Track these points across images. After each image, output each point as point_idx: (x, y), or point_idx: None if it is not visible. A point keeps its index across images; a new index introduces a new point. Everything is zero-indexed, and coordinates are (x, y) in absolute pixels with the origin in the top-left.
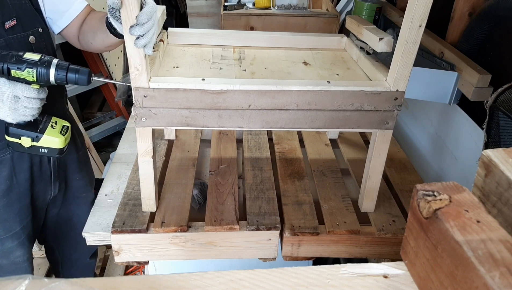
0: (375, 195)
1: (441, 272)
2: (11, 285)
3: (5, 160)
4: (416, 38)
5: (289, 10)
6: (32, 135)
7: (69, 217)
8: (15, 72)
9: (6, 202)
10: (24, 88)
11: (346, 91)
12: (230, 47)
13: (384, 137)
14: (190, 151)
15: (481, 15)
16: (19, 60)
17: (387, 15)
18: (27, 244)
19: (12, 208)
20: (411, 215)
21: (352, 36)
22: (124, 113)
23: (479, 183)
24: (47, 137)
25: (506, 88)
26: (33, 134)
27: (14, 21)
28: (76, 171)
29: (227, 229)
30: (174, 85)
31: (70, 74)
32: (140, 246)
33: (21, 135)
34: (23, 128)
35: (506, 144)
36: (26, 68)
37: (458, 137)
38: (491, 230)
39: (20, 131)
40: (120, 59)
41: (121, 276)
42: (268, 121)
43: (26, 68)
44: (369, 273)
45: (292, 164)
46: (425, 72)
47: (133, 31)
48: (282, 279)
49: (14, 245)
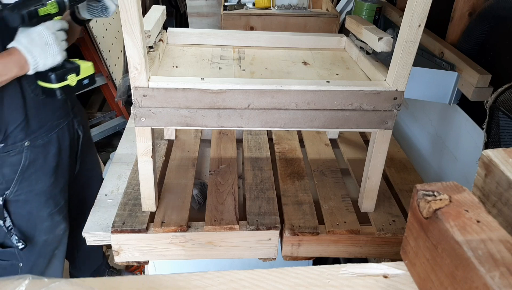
0: (375, 195)
1: (441, 272)
2: (11, 285)
3: (52, 139)
4: (416, 38)
5: (289, 10)
6: (74, 69)
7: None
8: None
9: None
10: (52, 23)
11: (345, 91)
12: (230, 47)
13: (383, 137)
14: (190, 151)
15: (481, 15)
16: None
17: (387, 15)
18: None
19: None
20: (411, 215)
21: (352, 36)
22: (124, 113)
23: (479, 183)
24: (84, 65)
25: (506, 88)
26: (74, 67)
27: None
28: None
29: (227, 229)
30: (174, 85)
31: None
32: (140, 246)
33: (66, 74)
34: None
35: (506, 144)
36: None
37: (458, 137)
38: (491, 230)
39: (63, 71)
40: (120, 59)
41: (121, 276)
42: (267, 121)
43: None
44: (369, 273)
45: (292, 164)
46: (425, 72)
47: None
48: (282, 279)
49: (60, 219)
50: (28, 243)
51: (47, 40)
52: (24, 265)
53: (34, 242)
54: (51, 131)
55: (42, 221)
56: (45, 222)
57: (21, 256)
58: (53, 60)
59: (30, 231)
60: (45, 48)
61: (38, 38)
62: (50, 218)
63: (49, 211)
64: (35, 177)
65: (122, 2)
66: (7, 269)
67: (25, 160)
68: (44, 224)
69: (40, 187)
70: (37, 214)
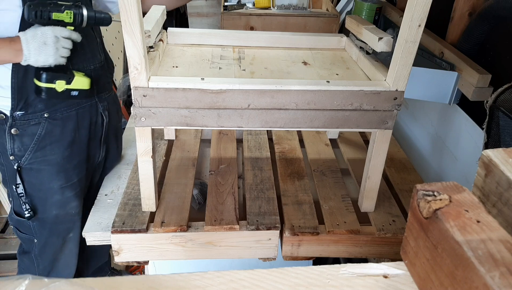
0: (375, 195)
1: (441, 272)
2: (11, 285)
3: (71, 115)
4: (416, 38)
5: (289, 10)
6: (65, 78)
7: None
8: (56, 14)
9: (69, 153)
10: (61, 28)
11: (345, 91)
12: (230, 47)
13: (383, 137)
14: (190, 151)
15: (481, 15)
16: (57, 4)
17: (387, 15)
18: (80, 196)
19: (72, 160)
20: (411, 215)
21: (352, 36)
22: (124, 113)
23: (479, 183)
24: (78, 78)
25: (506, 88)
26: (67, 76)
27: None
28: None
29: (227, 229)
30: (174, 85)
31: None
32: (140, 246)
33: (56, 79)
34: (57, 72)
35: (506, 144)
36: (65, 10)
37: (458, 137)
38: (491, 230)
39: (55, 74)
40: (120, 59)
41: (121, 276)
42: (267, 121)
43: (65, 10)
44: (369, 273)
45: (292, 164)
46: (425, 72)
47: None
48: (282, 279)
49: (72, 195)
50: (38, 215)
51: (46, 40)
52: (38, 241)
53: (45, 216)
54: (71, 107)
55: (53, 194)
56: (56, 195)
57: (35, 230)
58: (44, 60)
59: (41, 202)
60: (42, 47)
61: (40, 36)
62: (60, 191)
63: (60, 184)
64: (50, 148)
65: (122, 2)
66: (25, 242)
67: (41, 130)
68: (54, 197)
69: (53, 159)
70: (48, 185)
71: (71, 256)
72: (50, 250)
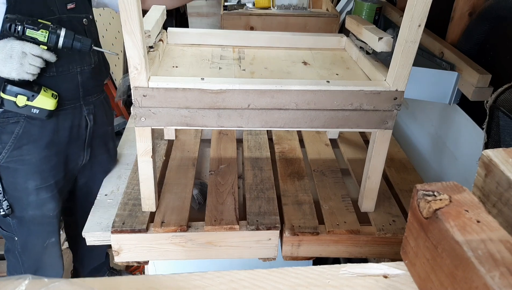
0: (375, 195)
1: (441, 272)
2: (11, 285)
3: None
4: (416, 38)
5: (289, 10)
6: (28, 94)
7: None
8: (30, 31)
9: (46, 154)
10: (32, 45)
11: (345, 91)
12: (230, 47)
13: (383, 137)
14: (190, 151)
15: (481, 15)
16: (35, 22)
17: (387, 15)
18: (57, 199)
19: (49, 161)
20: (411, 215)
21: (352, 36)
22: (124, 113)
23: (479, 183)
24: (42, 97)
25: (506, 88)
26: (30, 93)
27: (73, 5)
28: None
29: (227, 229)
30: (173, 85)
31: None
32: (140, 246)
33: (18, 93)
34: (21, 87)
35: (506, 144)
36: (40, 29)
37: (458, 137)
38: (491, 230)
39: (18, 89)
40: (120, 59)
41: (121, 276)
42: (267, 121)
43: (40, 29)
44: (369, 273)
45: (292, 164)
46: (425, 72)
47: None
48: (282, 279)
49: (48, 197)
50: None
51: (12, 53)
52: (18, 239)
53: (23, 215)
54: None
55: (28, 194)
56: (31, 195)
57: (15, 227)
58: (7, 72)
59: (17, 201)
60: (7, 59)
61: (8, 48)
62: (36, 192)
63: (35, 184)
64: (26, 148)
65: (122, 2)
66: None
67: (19, 129)
68: (30, 197)
69: (29, 159)
70: (24, 185)
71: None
72: (32, 249)
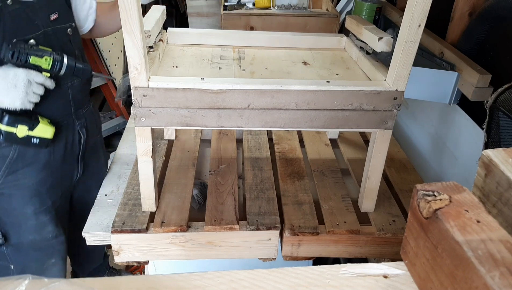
0: (375, 195)
1: (441, 272)
2: (11, 285)
3: None
4: (416, 38)
5: (289, 10)
6: (29, 124)
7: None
8: (34, 58)
9: (43, 176)
10: (36, 73)
11: (345, 91)
12: (230, 47)
13: (383, 137)
14: (190, 151)
15: (481, 15)
16: (38, 49)
17: (387, 15)
18: (56, 220)
19: (46, 183)
20: (411, 215)
21: (352, 36)
22: (124, 113)
23: (479, 183)
24: (42, 125)
25: (506, 88)
26: (30, 122)
27: (56, 15)
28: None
29: (227, 229)
30: (173, 85)
31: (78, 65)
32: (140, 246)
33: (18, 123)
34: (20, 117)
35: (506, 144)
36: (44, 55)
37: (458, 137)
38: (491, 230)
39: (18, 119)
40: (120, 59)
41: (121, 276)
42: (267, 121)
43: (44, 55)
44: (369, 273)
45: (292, 164)
46: (425, 72)
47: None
48: (282, 279)
49: (47, 220)
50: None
51: (17, 83)
52: (14, 267)
53: (20, 241)
54: None
55: (27, 219)
56: (30, 220)
57: (10, 256)
58: (10, 102)
59: (15, 227)
60: (10, 89)
61: (11, 77)
62: (35, 216)
63: (33, 209)
64: (22, 172)
65: (122, 2)
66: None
67: (13, 153)
68: (29, 222)
69: (25, 183)
70: (22, 210)
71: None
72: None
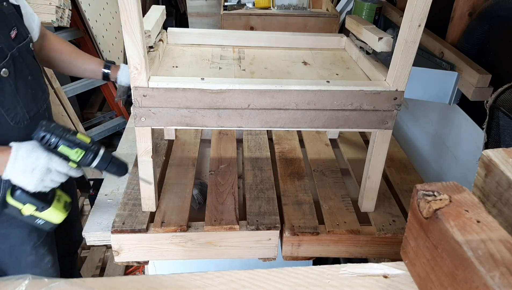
0: (375, 195)
1: (441, 272)
2: (11, 285)
3: None
4: (416, 38)
5: (289, 10)
6: (38, 205)
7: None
8: (64, 147)
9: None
10: (60, 162)
11: (345, 91)
12: (230, 47)
13: (383, 137)
14: (190, 151)
15: (481, 15)
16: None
17: (387, 15)
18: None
19: None
20: (411, 215)
21: (352, 36)
22: (124, 113)
23: (479, 183)
24: (53, 210)
25: (506, 88)
26: (40, 204)
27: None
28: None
29: (227, 229)
30: (173, 85)
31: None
32: (140, 246)
33: (27, 202)
34: (32, 196)
35: (506, 144)
36: (76, 147)
37: (458, 137)
38: (491, 230)
39: (28, 198)
40: (120, 59)
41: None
42: (267, 121)
43: (76, 147)
44: (369, 273)
45: (292, 164)
46: (425, 72)
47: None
48: (282, 279)
49: (45, 251)
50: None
51: (36, 167)
52: None
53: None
54: None
55: (26, 256)
56: (29, 256)
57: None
58: (24, 184)
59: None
60: (27, 172)
61: (33, 159)
62: (34, 251)
63: (32, 244)
64: None
65: (122, 2)
66: None
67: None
68: (28, 258)
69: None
70: (20, 248)
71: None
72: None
